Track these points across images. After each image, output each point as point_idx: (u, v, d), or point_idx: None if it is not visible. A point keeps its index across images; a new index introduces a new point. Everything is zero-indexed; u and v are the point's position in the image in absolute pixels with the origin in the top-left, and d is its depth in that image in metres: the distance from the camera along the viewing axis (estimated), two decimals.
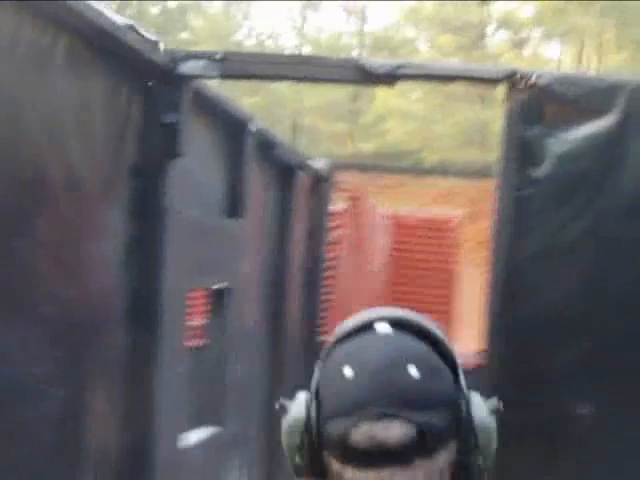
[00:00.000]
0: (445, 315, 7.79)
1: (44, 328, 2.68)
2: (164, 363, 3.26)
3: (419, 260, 8.29)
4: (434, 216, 9.03)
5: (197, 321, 4.24)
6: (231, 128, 4.03)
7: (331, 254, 6.65)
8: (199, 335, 4.19)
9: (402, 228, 8.33)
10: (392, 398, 1.09)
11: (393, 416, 1.09)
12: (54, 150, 2.66)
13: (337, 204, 7.04)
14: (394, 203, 9.65)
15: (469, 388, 1.15)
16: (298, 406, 1.16)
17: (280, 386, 4.99)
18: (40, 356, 2.63)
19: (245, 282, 4.34)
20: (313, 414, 1.14)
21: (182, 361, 3.60)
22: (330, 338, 1.20)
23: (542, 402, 3.02)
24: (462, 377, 1.15)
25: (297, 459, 1.17)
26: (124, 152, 3.06)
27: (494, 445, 1.16)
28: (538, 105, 3.22)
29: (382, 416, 1.09)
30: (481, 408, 1.14)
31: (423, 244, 8.36)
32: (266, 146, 4.59)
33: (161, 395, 3.24)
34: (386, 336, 1.15)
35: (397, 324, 1.16)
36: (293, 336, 5.52)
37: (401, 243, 8.26)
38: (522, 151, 3.21)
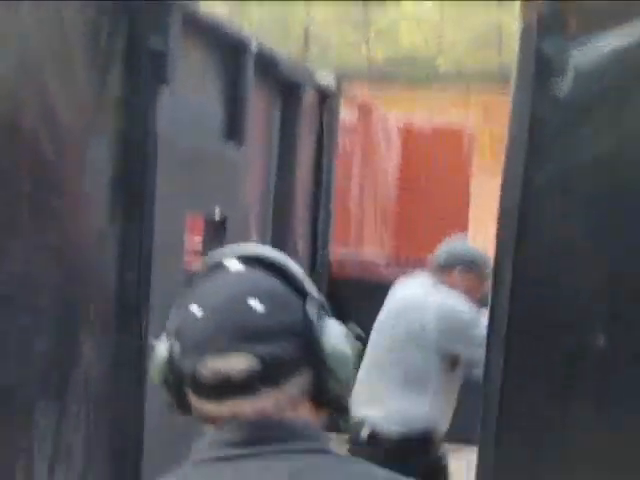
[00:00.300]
0: (461, 226, 7.62)
1: (29, 271, 2.54)
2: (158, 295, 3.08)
3: (433, 170, 8.08)
4: (448, 124, 8.77)
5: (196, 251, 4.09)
6: (229, 50, 3.80)
7: (341, 171, 6.45)
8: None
9: (415, 138, 8.09)
10: (234, 333, 1.16)
11: (235, 350, 1.15)
12: (31, 80, 2.47)
13: (347, 117, 6.81)
14: (407, 112, 9.37)
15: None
16: (162, 345, 1.23)
17: None
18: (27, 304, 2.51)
19: (247, 211, 4.16)
20: (171, 353, 1.20)
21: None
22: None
23: (556, 335, 2.84)
24: (315, 308, 1.20)
25: (165, 395, 1.24)
26: (108, 80, 2.85)
27: (350, 369, 1.21)
28: (558, 14, 2.94)
29: (224, 351, 1.15)
30: (335, 335, 1.20)
31: (437, 153, 8.13)
32: (269, 65, 4.36)
33: (156, 332, 3.09)
34: (233, 273, 1.22)
35: (247, 261, 1.22)
36: (300, 264, 5.37)
37: (414, 153, 8.03)
38: (539, 66, 2.95)
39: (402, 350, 3.66)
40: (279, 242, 4.95)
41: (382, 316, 3.85)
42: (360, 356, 1.26)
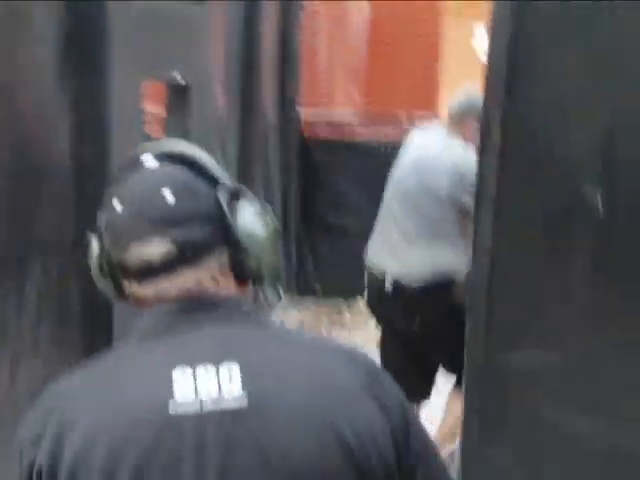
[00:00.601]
0: (433, 77, 7.32)
1: None
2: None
3: (402, 20, 7.69)
4: None
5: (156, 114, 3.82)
6: None
7: (309, 27, 6.12)
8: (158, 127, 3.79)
9: None
10: (150, 222, 1.28)
11: (152, 237, 1.28)
12: None
13: None
14: None
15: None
16: (95, 238, 1.37)
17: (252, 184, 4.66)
18: None
19: (212, 75, 3.89)
20: (102, 245, 1.35)
21: None
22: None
23: (551, 191, 2.65)
24: (225, 193, 1.32)
25: (101, 284, 1.38)
26: None
27: (263, 244, 1.33)
28: None
29: (143, 238, 1.28)
30: (246, 216, 1.33)
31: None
32: None
33: None
34: (148, 169, 1.34)
35: (161, 157, 1.35)
36: (266, 125, 5.14)
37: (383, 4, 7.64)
38: None
39: (416, 202, 3.68)
40: (246, 105, 4.69)
41: (396, 170, 3.88)
42: (277, 231, 1.39)
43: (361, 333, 5.53)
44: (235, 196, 1.34)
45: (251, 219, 1.34)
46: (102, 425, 1.20)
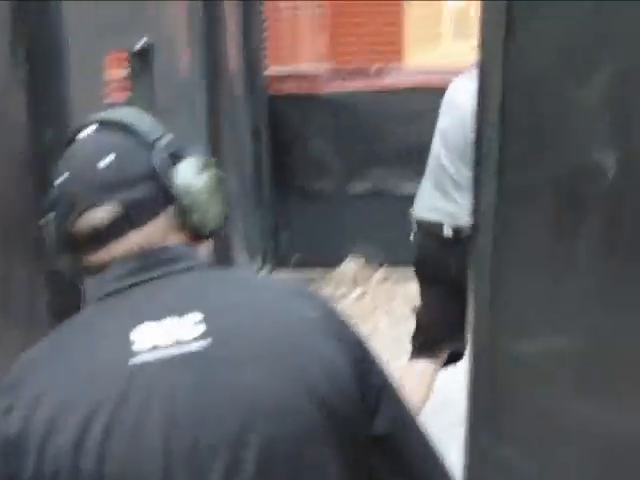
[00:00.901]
0: (398, 25, 7.06)
1: None
2: None
3: None
4: None
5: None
6: None
7: None
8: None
9: None
10: (93, 189, 1.32)
11: (97, 203, 1.32)
12: None
13: None
14: None
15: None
16: (47, 215, 1.38)
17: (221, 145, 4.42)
18: None
19: (174, 34, 3.62)
20: (54, 220, 1.37)
21: None
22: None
23: (558, 152, 2.42)
24: (163, 154, 1.36)
25: (59, 263, 1.40)
26: None
27: (207, 200, 1.38)
28: None
29: (89, 206, 1.32)
30: (187, 173, 1.37)
31: None
32: None
33: None
34: (87, 137, 1.38)
35: (100, 124, 1.38)
36: (233, 84, 4.87)
37: None
38: None
39: (464, 150, 3.56)
40: (211, 62, 4.42)
41: (442, 119, 3.86)
42: (221, 183, 1.42)
43: (341, 304, 5.35)
44: (175, 155, 1.37)
45: (190, 175, 1.37)
46: (70, 390, 1.20)
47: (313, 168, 5.68)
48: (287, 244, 5.79)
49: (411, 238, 3.87)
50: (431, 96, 5.55)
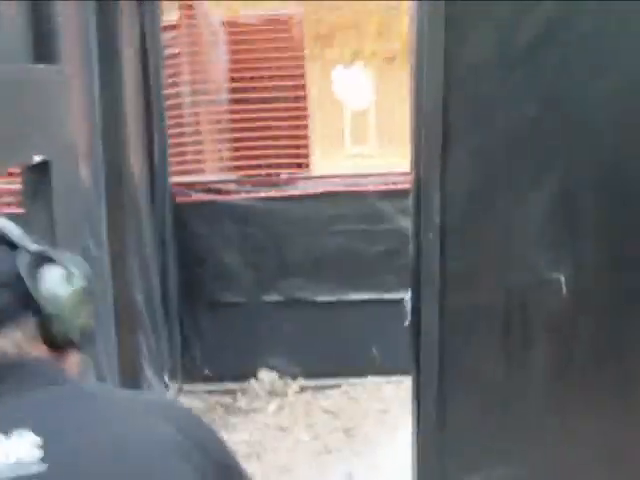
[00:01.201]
0: (303, 127, 6.96)
1: None
2: None
3: (265, 65, 7.32)
4: (276, 13, 8.00)
5: None
6: None
7: (170, 78, 5.68)
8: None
9: (241, 33, 7.29)
10: None
11: None
12: None
13: (169, 16, 6.02)
14: (232, 7, 8.58)
15: None
16: None
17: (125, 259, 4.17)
18: None
19: (74, 148, 3.37)
20: None
21: None
22: None
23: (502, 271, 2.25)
24: (27, 259, 1.29)
25: None
26: None
27: (72, 310, 1.31)
28: None
29: None
30: (53, 279, 1.30)
31: (268, 45, 7.36)
32: None
33: None
34: None
35: None
36: (137, 191, 4.65)
37: (243, 51, 7.25)
38: None
39: None
40: (113, 175, 4.18)
41: None
42: (89, 293, 1.34)
43: (259, 418, 5.06)
44: (39, 261, 1.31)
45: (54, 283, 1.31)
46: None
47: (223, 279, 5.45)
48: (197, 358, 5.52)
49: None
50: (340, 202, 5.46)
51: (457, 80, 2.11)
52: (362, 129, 11.56)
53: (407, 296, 3.34)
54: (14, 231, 1.33)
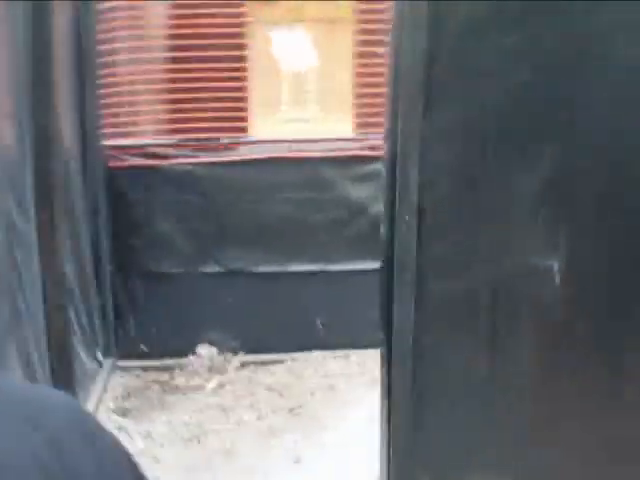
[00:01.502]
0: (244, 89, 6.66)
1: None
2: None
3: (205, 22, 7.00)
4: None
5: None
6: None
7: (104, 33, 5.33)
8: None
9: None
10: None
11: None
12: None
13: None
14: None
15: None
16: None
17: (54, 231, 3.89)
18: None
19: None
20: None
21: None
22: None
23: (487, 256, 2.02)
24: None
25: None
26: None
27: None
28: None
29: None
30: None
31: (208, 1, 7.05)
32: None
33: None
34: None
35: None
36: (67, 162, 4.35)
37: (183, 6, 6.91)
38: None
39: None
40: (40, 137, 3.86)
41: None
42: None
43: (199, 397, 4.81)
44: None
45: None
46: None
47: (159, 248, 5.15)
48: (132, 333, 5.23)
49: None
50: (283, 168, 5.21)
51: (442, 44, 1.86)
52: (301, 93, 11.27)
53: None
54: None
